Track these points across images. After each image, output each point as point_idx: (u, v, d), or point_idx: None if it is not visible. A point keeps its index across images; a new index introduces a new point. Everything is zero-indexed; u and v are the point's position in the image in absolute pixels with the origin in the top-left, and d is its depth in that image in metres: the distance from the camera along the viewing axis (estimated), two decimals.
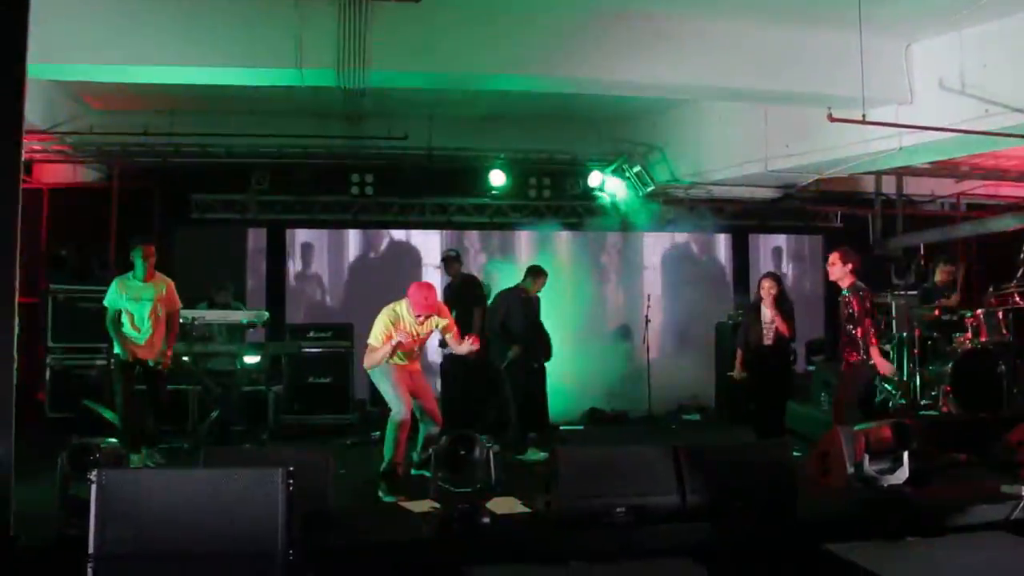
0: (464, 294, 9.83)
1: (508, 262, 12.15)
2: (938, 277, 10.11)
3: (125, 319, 7.70)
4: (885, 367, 7.76)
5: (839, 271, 7.68)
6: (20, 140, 4.62)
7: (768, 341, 8.27)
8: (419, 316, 6.69)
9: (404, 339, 6.66)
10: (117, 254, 10.05)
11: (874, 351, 7.49)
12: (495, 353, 8.86)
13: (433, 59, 7.82)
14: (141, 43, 7.32)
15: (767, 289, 8.34)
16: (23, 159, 4.65)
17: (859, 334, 7.41)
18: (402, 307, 6.82)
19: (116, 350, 7.75)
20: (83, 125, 10.45)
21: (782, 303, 8.32)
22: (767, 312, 8.29)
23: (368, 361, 6.77)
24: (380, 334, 6.73)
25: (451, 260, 10.32)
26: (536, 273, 9.19)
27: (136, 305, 7.77)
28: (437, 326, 7.01)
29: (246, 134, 10.84)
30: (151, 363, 7.76)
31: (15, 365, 4.56)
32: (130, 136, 10.68)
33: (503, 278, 10.28)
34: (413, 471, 6.94)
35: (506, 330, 8.83)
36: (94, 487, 3.53)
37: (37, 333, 9.93)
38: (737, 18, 7.98)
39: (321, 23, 7.38)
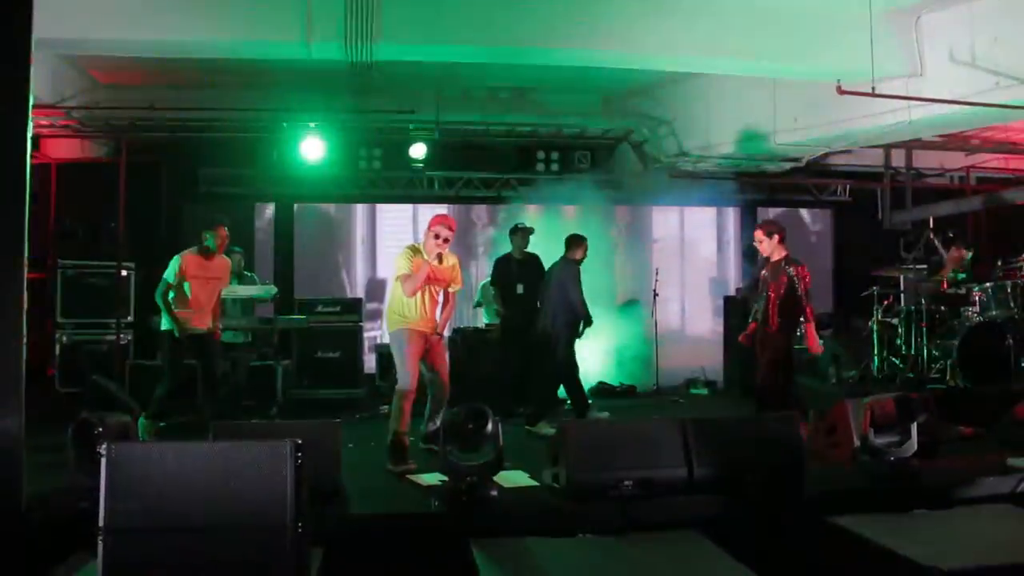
0: (530, 271, 9.63)
1: None
2: (951, 255, 10.08)
3: (192, 297, 7.71)
4: (818, 346, 7.74)
5: (769, 245, 7.59)
6: (28, 114, 4.61)
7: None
8: (438, 244, 6.62)
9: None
10: (126, 229, 10.06)
11: (811, 327, 7.47)
12: (558, 325, 8.84)
13: (443, 32, 7.79)
14: (146, 15, 7.30)
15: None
16: (31, 134, 4.65)
17: (804, 308, 7.36)
18: (419, 246, 6.83)
19: (166, 326, 7.67)
20: (91, 100, 10.45)
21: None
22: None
23: (411, 286, 6.64)
24: (406, 265, 6.70)
25: (525, 232, 9.84)
26: (580, 241, 9.16)
27: (204, 284, 7.80)
28: (453, 274, 6.94)
29: (254, 108, 10.82)
30: (204, 331, 7.81)
31: (24, 341, 4.58)
32: (138, 111, 10.69)
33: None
34: (421, 444, 6.96)
35: (572, 302, 8.79)
36: (103, 460, 3.55)
37: (46, 308, 9.98)
38: None
39: None
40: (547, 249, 9.53)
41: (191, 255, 7.77)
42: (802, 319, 7.43)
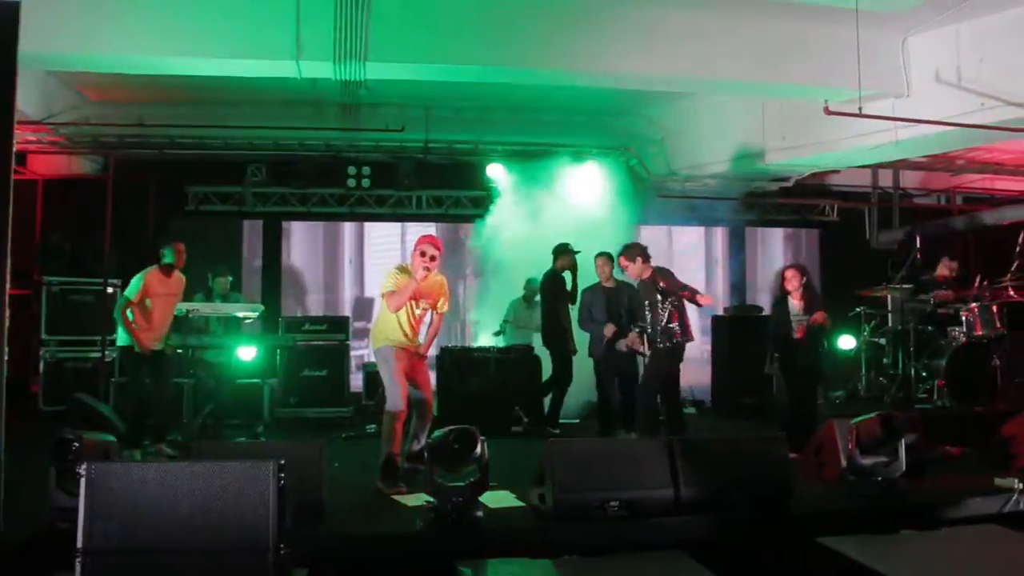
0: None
1: None
2: (939, 271, 10.10)
3: (153, 314, 7.71)
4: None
5: (635, 268, 7.72)
6: (11, 130, 4.59)
7: (797, 335, 7.96)
8: (424, 263, 6.60)
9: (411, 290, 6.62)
10: (112, 246, 10.01)
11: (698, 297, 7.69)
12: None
13: (432, 52, 7.81)
14: (136, 32, 7.32)
15: (791, 280, 8.03)
16: (16, 150, 4.62)
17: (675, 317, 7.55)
18: (406, 266, 6.82)
19: (126, 342, 7.69)
20: (79, 116, 10.43)
21: (810, 294, 8.04)
22: (795, 304, 8.00)
23: (394, 302, 6.63)
24: (392, 283, 6.69)
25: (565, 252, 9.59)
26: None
27: (163, 301, 7.82)
28: (440, 292, 6.93)
29: (242, 126, 10.81)
30: (159, 347, 7.81)
31: (6, 357, 4.53)
32: (126, 127, 10.66)
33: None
34: (404, 464, 6.92)
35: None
36: (83, 480, 3.51)
37: (31, 325, 9.91)
38: (735, 11, 7.97)
39: (319, 15, 7.35)
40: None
41: (154, 272, 7.81)
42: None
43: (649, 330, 7.71)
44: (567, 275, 9.30)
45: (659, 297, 7.54)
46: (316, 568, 4.31)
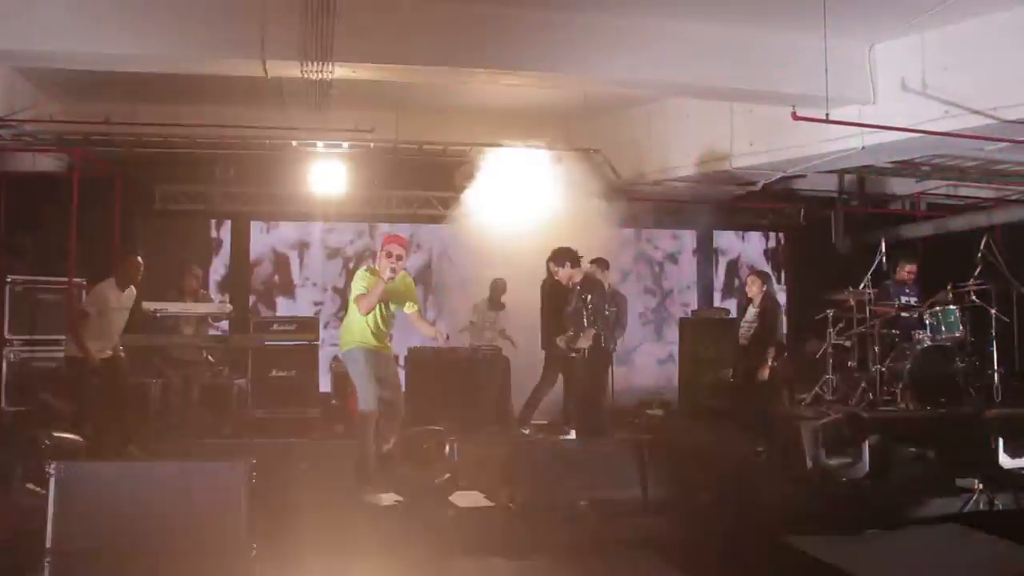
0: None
1: None
2: (897, 275, 10.22)
3: (106, 327, 7.68)
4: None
5: (565, 274, 7.79)
6: None
7: (744, 341, 8.04)
8: (391, 263, 6.60)
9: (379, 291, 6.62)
10: (78, 244, 9.90)
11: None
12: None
13: (401, 52, 7.80)
14: (102, 30, 7.24)
15: (750, 286, 8.07)
16: None
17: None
18: (374, 268, 6.82)
19: (73, 352, 7.67)
20: (43, 113, 10.28)
21: (768, 303, 8.04)
22: (751, 311, 8.08)
23: (365, 304, 6.63)
24: (361, 285, 6.70)
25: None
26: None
27: (117, 314, 7.81)
28: (408, 293, 6.94)
29: (210, 124, 10.73)
30: (110, 354, 7.73)
31: None
32: (92, 125, 10.53)
33: None
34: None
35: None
36: (52, 480, 3.48)
37: None
38: (704, 18, 8.05)
39: (285, 13, 7.32)
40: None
41: (108, 286, 7.82)
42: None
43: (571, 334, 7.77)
44: None
45: (586, 305, 7.56)
46: (286, 569, 4.29)
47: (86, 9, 7.23)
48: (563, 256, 7.84)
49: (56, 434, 4.93)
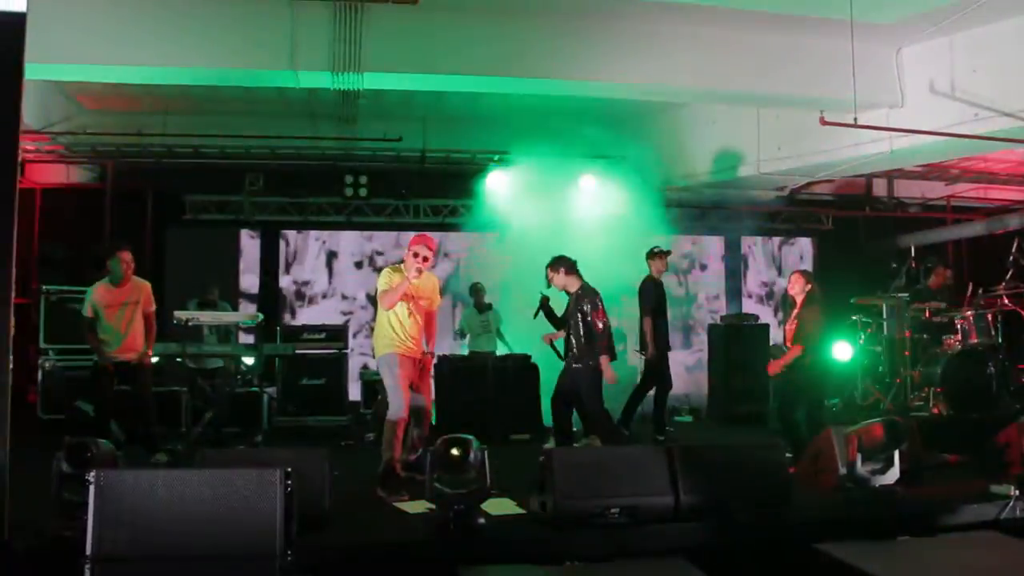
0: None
1: None
2: (932, 280, 10.15)
3: (107, 325, 7.66)
4: (612, 376, 7.60)
5: (561, 279, 7.68)
6: (16, 140, 4.62)
7: (787, 342, 7.88)
8: (417, 263, 6.61)
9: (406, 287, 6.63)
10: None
11: (606, 359, 7.49)
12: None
13: (429, 61, 7.86)
14: (135, 43, 7.36)
15: (792, 284, 7.92)
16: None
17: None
18: (399, 267, 6.83)
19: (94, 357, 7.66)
20: (77, 125, 10.47)
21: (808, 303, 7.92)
22: (792, 311, 7.95)
23: (387, 301, 6.66)
24: (385, 282, 6.72)
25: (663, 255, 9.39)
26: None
27: (116, 311, 7.69)
28: (432, 294, 6.96)
29: (240, 135, 10.85)
30: (133, 360, 7.74)
31: (10, 368, 4.54)
32: (124, 137, 10.70)
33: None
34: (402, 472, 6.92)
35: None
36: (92, 487, 3.53)
37: (29, 334, 9.90)
38: (731, 23, 8.04)
39: (316, 25, 7.42)
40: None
41: (100, 286, 7.71)
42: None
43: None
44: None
45: (578, 314, 7.54)
46: (320, 575, 4.33)
47: (118, 23, 7.33)
48: (560, 263, 7.82)
49: (94, 442, 4.97)
